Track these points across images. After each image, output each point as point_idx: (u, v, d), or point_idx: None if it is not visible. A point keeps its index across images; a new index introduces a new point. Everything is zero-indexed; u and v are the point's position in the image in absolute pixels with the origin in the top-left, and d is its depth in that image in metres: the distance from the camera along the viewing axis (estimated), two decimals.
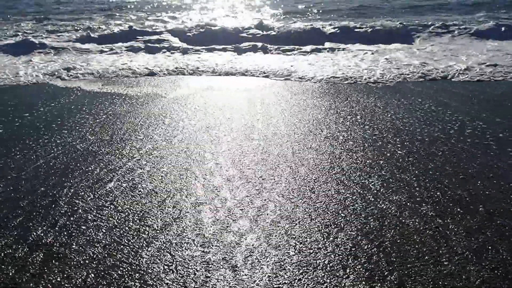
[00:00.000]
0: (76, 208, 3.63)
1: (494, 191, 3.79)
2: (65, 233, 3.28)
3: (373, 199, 3.70)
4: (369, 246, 3.07)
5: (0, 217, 3.50)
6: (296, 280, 2.74)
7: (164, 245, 3.13)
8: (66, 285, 2.72)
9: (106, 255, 3.02)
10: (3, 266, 2.90)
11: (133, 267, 2.89)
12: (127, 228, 3.33)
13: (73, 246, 3.11)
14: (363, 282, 2.71)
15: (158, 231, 3.29)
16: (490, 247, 3.02)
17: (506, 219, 3.35)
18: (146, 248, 3.09)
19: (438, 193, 3.78)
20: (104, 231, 3.30)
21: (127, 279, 2.77)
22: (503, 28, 11.96)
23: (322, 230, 3.28)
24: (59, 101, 6.97)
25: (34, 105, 6.74)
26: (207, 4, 23.12)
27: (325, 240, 3.16)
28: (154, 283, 2.73)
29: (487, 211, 3.48)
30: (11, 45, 11.05)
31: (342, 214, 3.48)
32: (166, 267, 2.89)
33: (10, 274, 2.82)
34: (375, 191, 3.84)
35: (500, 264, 2.85)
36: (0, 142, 5.15)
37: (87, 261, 2.95)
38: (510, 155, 4.50)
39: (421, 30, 12.54)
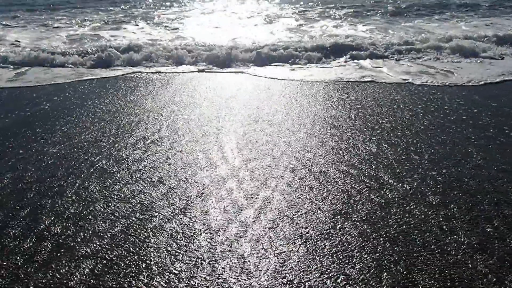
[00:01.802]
0: (83, 198, 3.65)
1: (501, 181, 3.77)
2: (72, 223, 3.30)
3: (379, 189, 3.69)
4: (375, 235, 3.07)
5: (8, 208, 3.53)
6: (303, 270, 2.75)
7: (171, 235, 3.14)
8: (74, 275, 2.74)
9: (113, 245, 3.04)
10: (11, 257, 2.93)
11: (140, 257, 2.91)
12: (134, 218, 3.35)
13: (80, 236, 3.14)
14: (370, 272, 2.72)
15: (165, 221, 3.31)
16: (496, 237, 3.01)
17: None
18: (153, 238, 3.11)
19: (444, 183, 3.76)
20: (111, 221, 3.32)
21: (134, 269, 2.79)
22: None
23: (328, 220, 3.28)
24: (63, 95, 6.98)
25: (38, 98, 6.76)
26: None
27: (331, 230, 3.16)
28: (161, 273, 2.75)
29: (493, 201, 3.46)
30: None
31: (348, 204, 3.48)
32: (173, 256, 2.91)
33: (19, 264, 2.85)
34: (381, 180, 3.82)
35: (506, 253, 2.84)
36: (6, 134, 5.17)
37: (94, 251, 2.97)
38: None
39: None
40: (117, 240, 3.10)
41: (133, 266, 2.82)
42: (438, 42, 9.52)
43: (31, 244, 3.06)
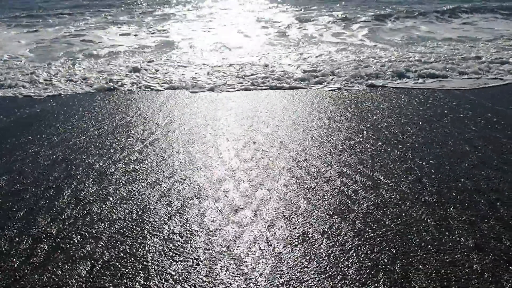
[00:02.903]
0: (79, 200, 3.64)
1: (497, 181, 3.79)
2: (68, 225, 3.29)
3: (375, 189, 3.70)
4: (372, 235, 3.08)
5: (4, 209, 3.51)
6: (299, 270, 2.75)
7: (168, 236, 3.14)
8: (70, 276, 2.74)
9: (110, 246, 3.03)
10: (7, 258, 2.92)
11: (137, 258, 2.90)
12: (130, 220, 3.34)
13: (77, 238, 3.13)
14: (367, 272, 2.72)
15: (161, 222, 3.30)
16: (492, 237, 3.02)
17: (509, 209, 3.35)
18: (150, 239, 3.10)
19: (440, 183, 3.77)
20: (108, 222, 3.32)
21: (131, 270, 2.79)
22: None
23: (325, 220, 3.28)
24: (59, 96, 6.96)
25: (37, 100, 6.74)
26: None
27: (328, 230, 3.16)
28: (158, 274, 2.75)
29: (490, 200, 3.48)
30: None
31: (344, 204, 3.48)
32: (170, 258, 2.90)
33: (15, 266, 2.84)
34: (377, 180, 3.83)
35: (502, 253, 2.85)
36: (3, 135, 5.15)
37: (91, 253, 2.96)
38: None
39: None
40: (114, 241, 3.09)
41: (130, 267, 2.82)
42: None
43: (27, 245, 3.04)
